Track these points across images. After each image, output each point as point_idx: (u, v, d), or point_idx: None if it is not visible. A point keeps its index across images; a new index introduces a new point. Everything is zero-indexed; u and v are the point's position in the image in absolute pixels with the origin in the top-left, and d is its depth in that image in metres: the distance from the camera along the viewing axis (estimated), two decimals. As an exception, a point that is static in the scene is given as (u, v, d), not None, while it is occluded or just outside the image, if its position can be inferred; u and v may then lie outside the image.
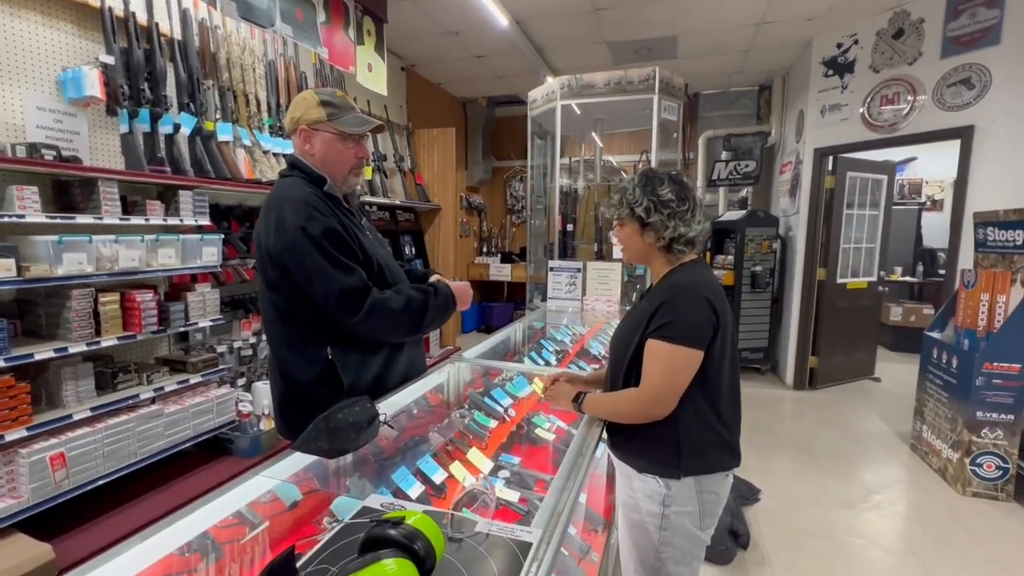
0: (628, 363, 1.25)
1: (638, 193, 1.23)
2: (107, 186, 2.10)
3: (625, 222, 1.28)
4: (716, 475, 1.23)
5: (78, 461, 1.96)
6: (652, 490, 1.23)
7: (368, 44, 3.41)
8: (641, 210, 1.22)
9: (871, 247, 4.73)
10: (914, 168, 7.26)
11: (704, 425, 1.21)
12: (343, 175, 1.35)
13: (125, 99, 2.31)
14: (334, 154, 1.32)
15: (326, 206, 1.28)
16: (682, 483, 1.20)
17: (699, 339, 1.15)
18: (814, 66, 4.32)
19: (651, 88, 3.09)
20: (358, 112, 1.36)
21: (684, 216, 1.22)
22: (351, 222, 1.34)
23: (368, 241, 1.37)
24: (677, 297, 1.17)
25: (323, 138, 1.30)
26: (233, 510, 1.08)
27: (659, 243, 1.24)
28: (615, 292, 3.18)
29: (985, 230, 2.92)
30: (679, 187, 1.23)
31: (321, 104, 1.30)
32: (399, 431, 1.42)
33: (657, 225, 1.22)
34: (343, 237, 1.25)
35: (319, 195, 1.30)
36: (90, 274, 1.99)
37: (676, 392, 1.17)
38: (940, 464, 2.94)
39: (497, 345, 2.38)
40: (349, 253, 1.26)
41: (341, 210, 1.34)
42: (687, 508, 1.21)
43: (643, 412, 1.20)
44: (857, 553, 2.24)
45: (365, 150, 1.37)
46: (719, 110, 5.90)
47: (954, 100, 3.45)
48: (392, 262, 1.48)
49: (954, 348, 2.89)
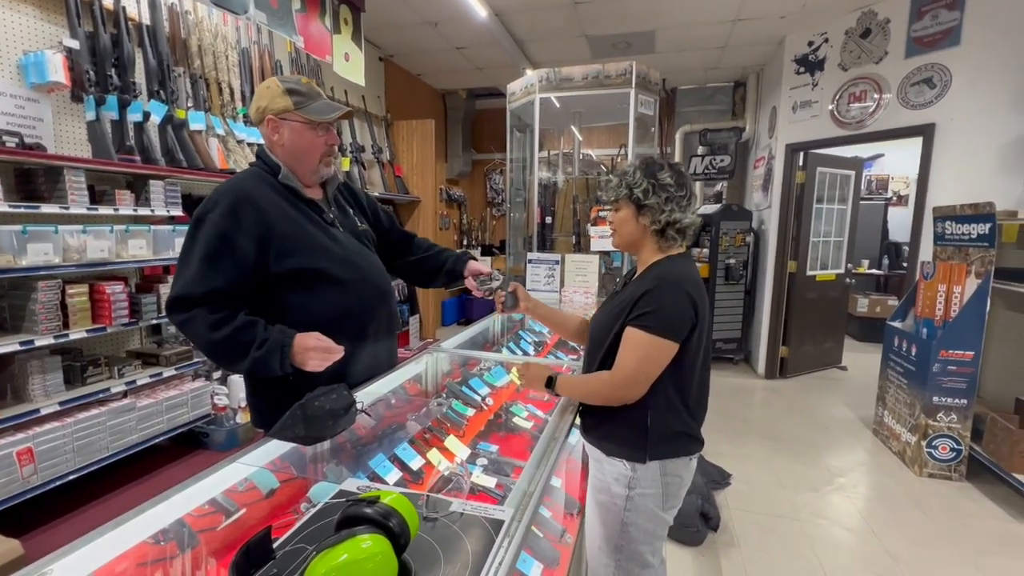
0: (607, 348, 1.28)
1: (638, 175, 1.25)
2: (73, 175, 2.05)
3: (622, 205, 1.29)
4: (680, 459, 1.28)
5: (47, 456, 1.92)
6: (619, 473, 1.28)
7: (345, 33, 3.37)
8: (640, 191, 1.24)
9: (839, 240, 4.89)
10: (881, 164, 7.51)
11: (673, 414, 1.25)
12: (314, 164, 1.32)
13: (91, 85, 2.25)
14: (304, 143, 1.28)
15: (275, 200, 1.25)
16: (647, 467, 1.25)
17: (676, 332, 1.18)
18: (786, 63, 4.43)
19: (628, 83, 3.13)
20: (325, 99, 1.33)
21: (680, 202, 1.24)
22: (302, 215, 1.28)
23: (319, 235, 1.29)
24: (662, 288, 1.19)
25: (291, 127, 1.27)
26: (208, 498, 1.09)
27: (653, 226, 1.26)
28: (592, 284, 3.23)
29: (943, 224, 3.05)
30: (678, 175, 1.26)
31: (287, 92, 1.26)
32: (376, 419, 1.44)
33: (653, 207, 1.24)
34: (230, 244, 1.17)
35: (274, 186, 1.27)
36: (57, 265, 1.95)
37: (647, 380, 1.21)
38: (899, 447, 3.09)
39: (476, 336, 2.40)
40: (227, 263, 1.17)
41: (298, 201, 1.29)
42: (651, 490, 1.26)
43: (614, 394, 1.23)
44: (822, 533, 2.35)
45: (335, 137, 1.34)
46: (696, 105, 5.99)
47: (917, 99, 3.58)
48: (359, 254, 1.37)
49: (914, 337, 3.03)
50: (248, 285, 1.22)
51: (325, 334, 1.22)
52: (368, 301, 1.37)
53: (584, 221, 3.52)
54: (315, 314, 1.27)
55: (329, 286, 1.28)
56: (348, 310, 1.32)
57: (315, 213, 1.32)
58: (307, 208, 1.31)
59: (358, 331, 1.35)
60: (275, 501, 1.15)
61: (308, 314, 1.26)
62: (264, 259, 1.21)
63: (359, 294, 1.34)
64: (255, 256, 1.20)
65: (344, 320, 1.31)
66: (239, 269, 1.19)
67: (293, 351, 1.18)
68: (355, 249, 1.37)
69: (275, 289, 1.25)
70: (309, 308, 1.27)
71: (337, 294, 1.30)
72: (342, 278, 1.30)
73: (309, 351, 1.18)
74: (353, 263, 1.33)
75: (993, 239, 2.66)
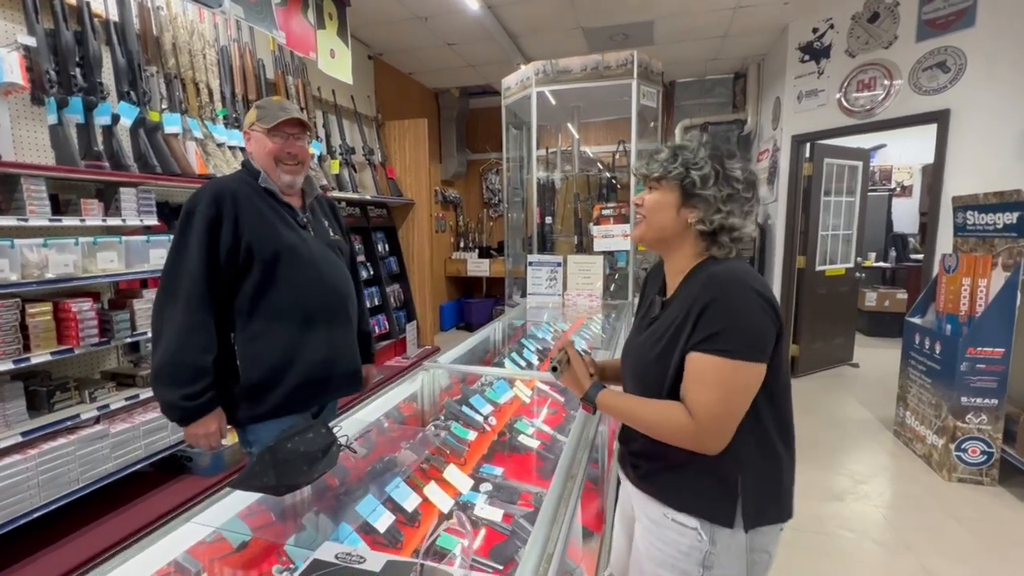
0: (667, 387, 0.96)
1: (702, 154, 0.96)
2: (32, 183, 1.87)
3: (664, 185, 0.99)
4: (773, 528, 0.98)
5: (7, 493, 1.75)
6: (691, 546, 0.96)
7: (330, 28, 3.20)
8: (698, 174, 0.94)
9: (848, 233, 4.74)
10: (884, 155, 7.36)
11: (771, 461, 0.95)
12: (272, 170, 1.43)
13: (52, 86, 2.07)
14: (261, 149, 1.42)
15: (252, 198, 1.38)
16: (732, 538, 0.94)
17: (763, 349, 0.89)
18: (790, 51, 4.28)
19: (629, 73, 2.98)
20: (284, 110, 1.43)
21: (744, 206, 0.97)
22: (275, 214, 1.41)
23: (288, 233, 1.40)
24: (729, 296, 0.89)
25: (255, 137, 1.43)
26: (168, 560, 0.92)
27: (700, 226, 0.96)
28: (597, 286, 3.07)
29: (965, 214, 2.90)
30: (749, 172, 0.98)
31: (255, 108, 1.44)
32: (367, 451, 1.27)
33: (708, 201, 0.94)
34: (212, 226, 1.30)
35: (254, 187, 1.42)
36: (14, 283, 1.78)
37: (736, 420, 0.90)
38: (925, 450, 2.93)
39: (476, 347, 2.24)
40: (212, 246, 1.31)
41: (274, 202, 1.43)
42: (732, 571, 0.96)
43: (694, 444, 0.91)
44: (851, 548, 2.19)
45: (295, 146, 1.44)
46: (695, 98, 5.84)
47: (930, 84, 3.43)
48: (323, 258, 1.46)
49: (937, 333, 2.87)
50: (231, 268, 1.34)
51: (282, 321, 1.38)
52: (325, 300, 1.45)
53: (586, 220, 3.36)
54: (275, 302, 1.38)
55: (289, 279, 1.38)
56: (304, 304, 1.41)
57: (289, 215, 1.45)
58: (282, 209, 1.44)
59: (312, 324, 1.43)
60: (247, 556, 0.99)
61: (269, 302, 1.37)
62: (238, 245, 1.33)
63: (317, 291, 1.43)
64: (232, 241, 1.32)
65: (298, 311, 1.40)
66: (225, 254, 1.32)
67: (192, 423, 1.31)
68: (320, 252, 1.47)
69: (243, 277, 1.36)
70: (270, 296, 1.37)
71: (296, 288, 1.39)
72: (303, 274, 1.40)
73: (199, 436, 1.32)
74: (315, 263, 1.43)
75: (1022, 228, 2.51)
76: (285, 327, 1.37)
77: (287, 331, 1.38)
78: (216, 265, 1.30)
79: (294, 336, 1.38)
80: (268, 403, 1.37)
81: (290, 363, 1.38)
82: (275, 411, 1.39)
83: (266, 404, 1.38)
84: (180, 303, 1.27)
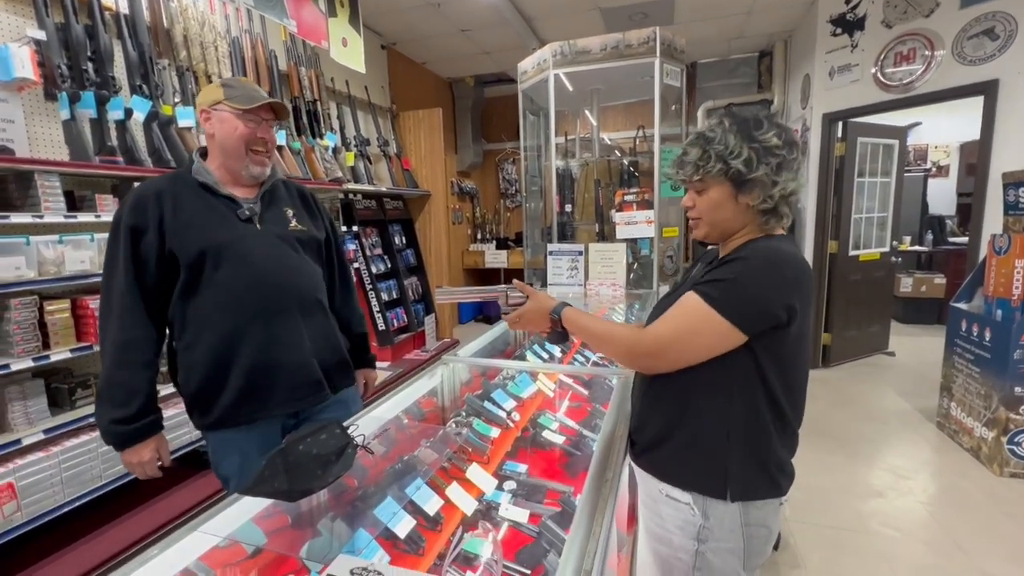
0: None
1: (732, 140, 0.91)
2: (46, 180, 1.85)
3: (710, 184, 0.95)
4: (769, 502, 0.97)
5: (31, 491, 1.75)
6: (685, 520, 0.98)
7: (341, 16, 3.14)
8: (741, 162, 0.90)
9: (883, 216, 4.51)
10: (918, 133, 7.01)
11: (761, 436, 0.94)
12: (241, 155, 1.30)
13: (64, 81, 2.05)
14: (229, 130, 1.28)
15: (181, 196, 1.27)
16: (725, 511, 0.95)
17: (744, 318, 0.87)
18: (820, 25, 4.06)
19: (652, 51, 2.84)
20: (257, 92, 1.33)
21: (792, 166, 0.92)
22: (208, 207, 1.29)
23: (218, 226, 1.28)
24: (752, 263, 0.89)
25: (220, 117, 1.29)
26: (180, 567, 0.87)
27: (764, 204, 0.92)
28: (620, 275, 2.96)
29: (1017, 191, 2.70)
30: (782, 130, 0.93)
31: (221, 86, 1.30)
32: (385, 451, 1.21)
33: (763, 181, 0.90)
34: (135, 236, 1.22)
35: (187, 183, 1.29)
36: (32, 280, 1.76)
37: (681, 358, 0.93)
38: (972, 443, 2.77)
39: (496, 339, 2.16)
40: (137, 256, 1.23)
41: (210, 197, 1.30)
42: (728, 544, 0.95)
43: (632, 354, 0.97)
44: (898, 548, 2.06)
45: (267, 132, 1.34)
46: (718, 80, 5.62)
47: (976, 53, 3.20)
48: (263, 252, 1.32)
49: (986, 319, 2.69)
50: (160, 276, 1.25)
51: (212, 328, 1.26)
52: (263, 299, 1.30)
53: (608, 207, 3.25)
54: (202, 307, 1.27)
55: (218, 281, 1.26)
56: (237, 306, 1.28)
57: (227, 208, 1.31)
58: (219, 203, 1.31)
59: (247, 328, 1.29)
60: (260, 563, 0.94)
61: (197, 307, 1.27)
62: (163, 250, 1.23)
63: (253, 291, 1.29)
64: (157, 247, 1.23)
65: (229, 315, 1.27)
66: (153, 263, 1.23)
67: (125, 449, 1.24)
68: (264, 246, 1.32)
69: (173, 284, 1.27)
70: (197, 301, 1.27)
71: (226, 289, 1.27)
72: (235, 272, 1.27)
73: (133, 464, 1.26)
74: (250, 260, 1.29)
75: (1084, 205, 2.32)
76: (215, 333, 1.26)
77: (218, 337, 1.26)
78: (144, 276, 1.22)
79: (226, 342, 1.26)
80: (213, 415, 1.29)
81: (225, 371, 1.26)
82: (220, 422, 1.29)
83: (211, 415, 1.29)
84: (113, 320, 1.21)
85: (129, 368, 1.21)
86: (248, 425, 1.31)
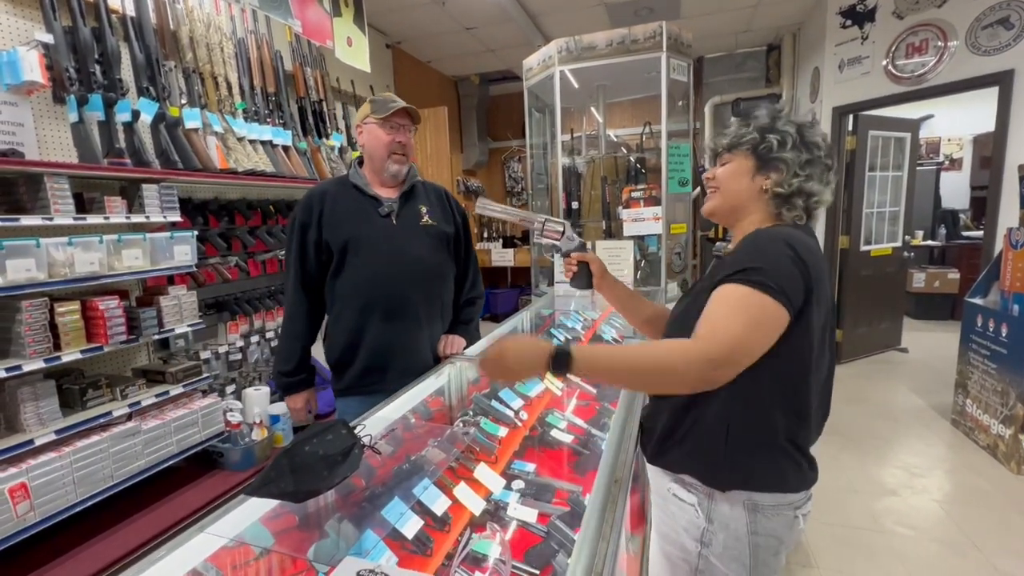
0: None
1: (778, 123, 0.94)
2: (55, 182, 1.86)
3: (736, 155, 0.98)
4: (781, 512, 0.91)
5: (44, 491, 1.76)
6: (689, 521, 0.96)
7: (346, 16, 3.13)
8: (776, 138, 0.92)
9: (894, 211, 4.45)
10: (931, 126, 6.91)
11: (766, 424, 0.90)
12: (383, 159, 1.52)
13: (72, 84, 2.06)
14: (374, 140, 1.52)
15: (338, 196, 1.54)
16: (730, 516, 0.90)
17: (790, 296, 0.81)
18: (830, 17, 4.00)
19: (658, 46, 2.81)
20: (394, 100, 1.53)
21: (824, 174, 0.93)
22: (357, 205, 1.54)
23: (362, 221, 1.52)
24: (759, 244, 0.88)
25: (368, 129, 1.53)
26: (188, 568, 0.87)
27: (777, 188, 0.93)
28: (627, 272, 2.94)
29: (1034, 183, 2.65)
30: (827, 142, 0.96)
31: (370, 102, 1.54)
32: (392, 450, 1.20)
33: (789, 163, 0.92)
34: (303, 230, 1.53)
35: (344, 185, 1.57)
36: (42, 282, 1.77)
37: (751, 354, 0.82)
38: (989, 441, 2.72)
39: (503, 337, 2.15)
40: (303, 246, 1.54)
41: (360, 196, 1.55)
42: (734, 551, 0.91)
43: (702, 371, 0.79)
44: (912, 548, 2.03)
45: (404, 135, 1.53)
46: (725, 74, 5.56)
47: (990, 43, 3.14)
48: (397, 243, 1.54)
49: (1003, 315, 2.65)
50: (319, 262, 1.55)
51: (350, 307, 1.54)
52: (387, 286, 1.53)
53: (615, 204, 3.23)
54: (343, 288, 1.54)
55: (355, 266, 1.52)
56: (371, 283, 1.52)
57: (371, 206, 1.54)
58: (366, 202, 1.55)
59: (372, 311, 1.53)
60: (268, 564, 0.93)
61: (340, 288, 1.54)
62: (320, 241, 1.52)
63: (380, 277, 1.52)
64: (316, 238, 1.52)
65: (365, 292, 1.52)
66: (313, 251, 1.54)
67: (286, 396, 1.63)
68: (398, 237, 1.53)
69: (328, 268, 1.55)
70: (340, 283, 1.54)
71: (362, 268, 1.52)
72: (367, 259, 1.51)
73: (290, 409, 1.65)
74: (382, 246, 1.52)
75: (1104, 197, 2.27)
76: (352, 309, 1.53)
77: (353, 314, 1.53)
78: (306, 262, 1.53)
79: (357, 320, 1.53)
80: (343, 382, 1.58)
81: (355, 348, 1.54)
82: (347, 390, 1.58)
83: (342, 383, 1.59)
84: (288, 295, 1.56)
85: (291, 336, 1.57)
86: (368, 396, 1.49)
